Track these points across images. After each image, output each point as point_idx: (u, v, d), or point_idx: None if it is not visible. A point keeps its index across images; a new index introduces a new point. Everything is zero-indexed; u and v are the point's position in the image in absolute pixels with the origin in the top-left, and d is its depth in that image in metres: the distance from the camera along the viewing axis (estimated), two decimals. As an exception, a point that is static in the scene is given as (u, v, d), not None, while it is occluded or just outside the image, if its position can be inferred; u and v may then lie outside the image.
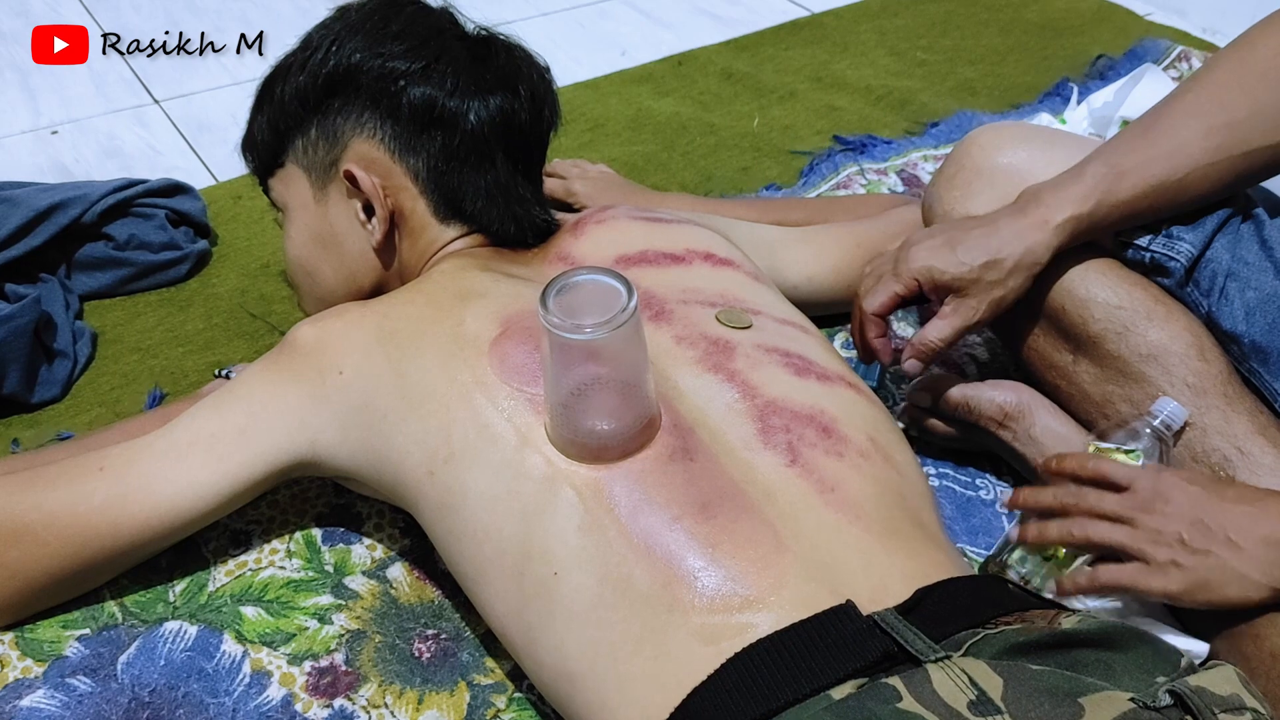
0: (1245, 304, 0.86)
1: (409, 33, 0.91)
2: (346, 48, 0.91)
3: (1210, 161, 0.85)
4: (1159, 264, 0.89)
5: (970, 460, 1.01)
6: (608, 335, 0.69)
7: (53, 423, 1.05)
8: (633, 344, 0.72)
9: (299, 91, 0.92)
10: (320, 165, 0.93)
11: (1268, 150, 0.85)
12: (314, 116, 0.92)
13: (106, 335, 1.15)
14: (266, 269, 1.25)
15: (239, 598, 0.88)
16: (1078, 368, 0.91)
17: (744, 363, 0.81)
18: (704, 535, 0.70)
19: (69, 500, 0.80)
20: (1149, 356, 0.87)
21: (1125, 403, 0.88)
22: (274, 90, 0.94)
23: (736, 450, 0.76)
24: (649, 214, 0.97)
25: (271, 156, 0.96)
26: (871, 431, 0.80)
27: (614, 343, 0.70)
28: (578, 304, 0.70)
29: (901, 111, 1.57)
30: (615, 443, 0.74)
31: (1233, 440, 0.84)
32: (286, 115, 0.93)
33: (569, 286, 0.70)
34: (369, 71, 0.90)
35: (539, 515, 0.73)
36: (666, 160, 1.45)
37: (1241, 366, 0.88)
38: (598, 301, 0.69)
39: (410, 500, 0.81)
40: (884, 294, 0.91)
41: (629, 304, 0.69)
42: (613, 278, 0.71)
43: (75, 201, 1.16)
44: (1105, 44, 1.72)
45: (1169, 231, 0.88)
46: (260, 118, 0.96)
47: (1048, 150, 0.93)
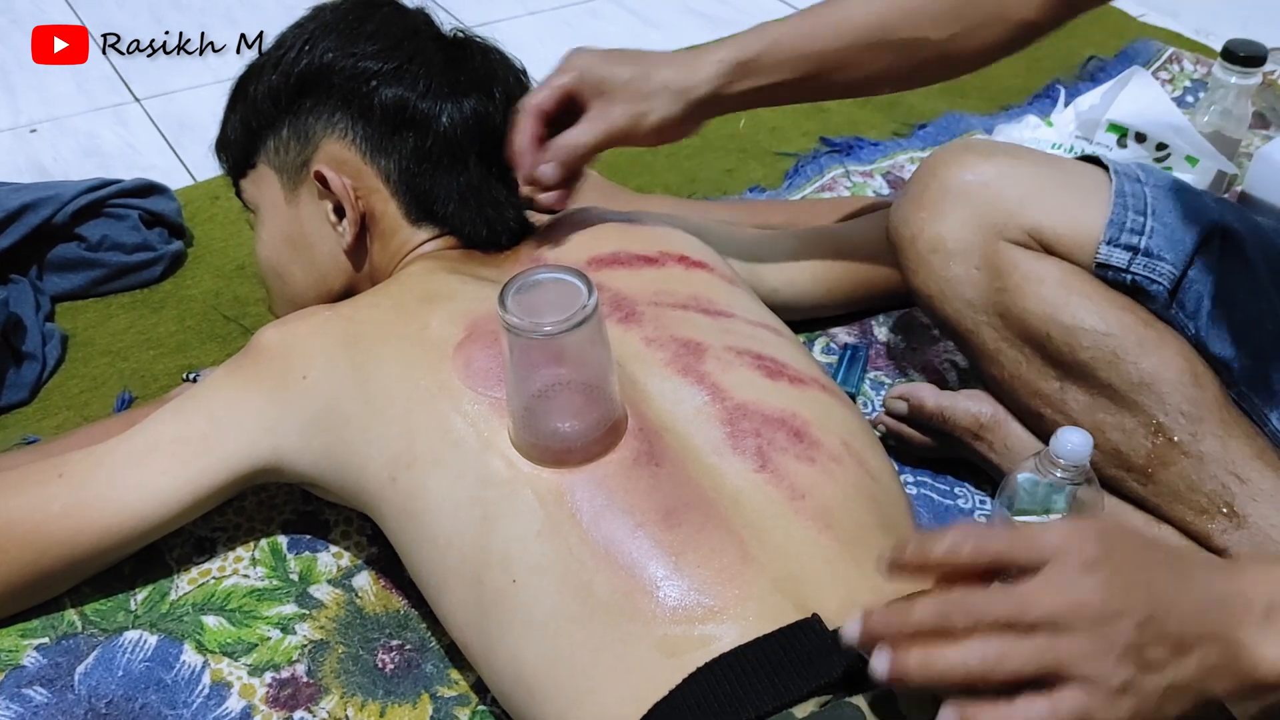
0: (1232, 326, 0.84)
1: (383, 33, 0.90)
2: (319, 47, 0.90)
3: (873, 40, 0.87)
4: (1140, 286, 0.86)
5: (949, 468, 1.00)
6: (568, 334, 0.67)
7: (19, 426, 1.03)
8: (595, 343, 0.70)
9: (271, 90, 0.91)
10: (291, 166, 0.92)
11: (930, 45, 0.88)
12: (285, 116, 0.91)
13: (77, 337, 1.14)
14: (242, 270, 1.23)
15: (201, 606, 0.87)
16: (1065, 396, 0.88)
17: (714, 365, 0.80)
18: (668, 544, 0.69)
19: (27, 507, 0.79)
20: (1141, 385, 0.84)
21: (1118, 431, 0.85)
22: (247, 89, 0.93)
23: (704, 455, 0.74)
24: (623, 216, 0.95)
25: (244, 156, 0.95)
26: (845, 436, 0.78)
27: (575, 342, 0.69)
28: (538, 303, 0.68)
29: (890, 113, 1.55)
30: (578, 445, 0.72)
31: (1230, 467, 0.82)
32: (259, 114, 0.92)
33: (529, 285, 0.69)
34: (341, 71, 0.89)
35: (499, 520, 0.72)
36: (650, 161, 1.44)
37: (1231, 390, 0.86)
38: (558, 300, 0.68)
39: (373, 507, 0.80)
40: (547, 88, 0.86)
41: (589, 301, 0.67)
42: (573, 275, 0.69)
43: (46, 202, 1.14)
44: (1097, 45, 1.70)
45: (1147, 250, 0.86)
46: (234, 117, 0.95)
47: (1015, 165, 0.90)
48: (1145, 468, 0.85)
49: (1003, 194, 0.89)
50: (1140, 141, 1.27)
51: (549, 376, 0.71)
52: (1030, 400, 0.91)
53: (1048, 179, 0.90)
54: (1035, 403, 0.90)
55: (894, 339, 1.14)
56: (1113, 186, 0.87)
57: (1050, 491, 0.79)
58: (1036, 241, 0.88)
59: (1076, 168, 0.91)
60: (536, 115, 0.86)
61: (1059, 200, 0.89)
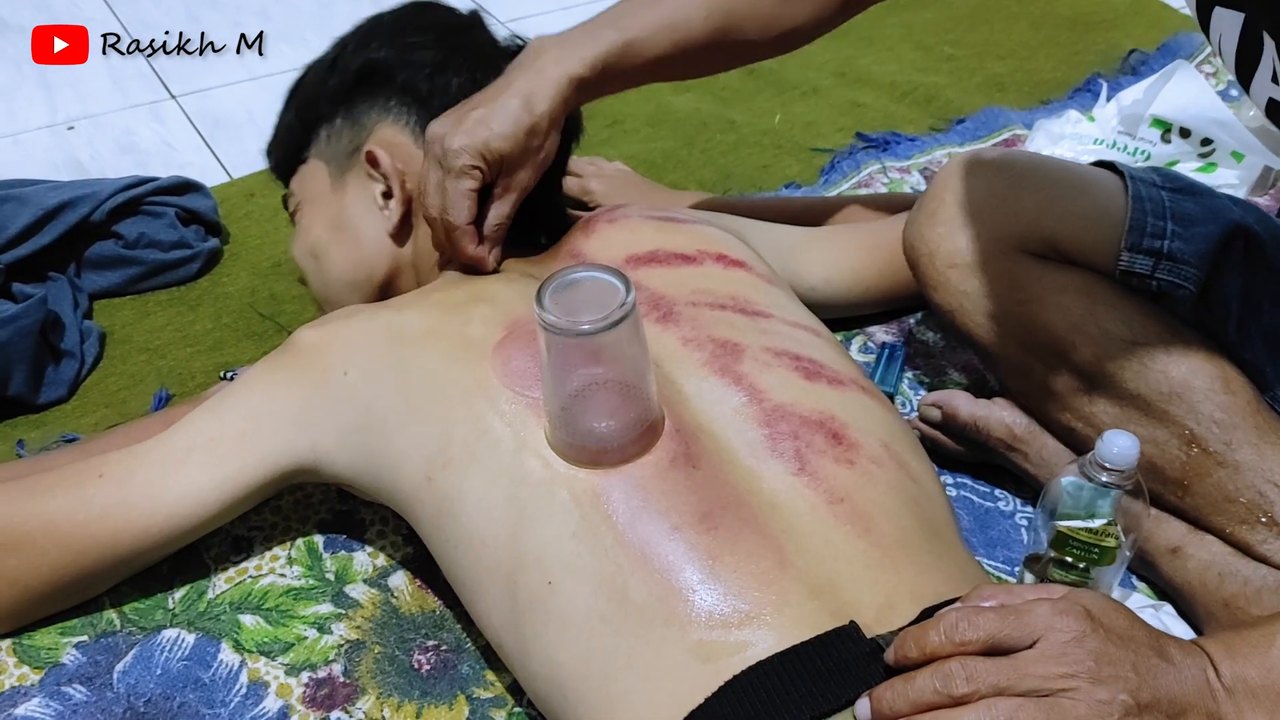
0: (1262, 331, 0.82)
1: (436, 28, 0.96)
2: (375, 44, 0.94)
3: (710, 43, 0.90)
4: (1166, 292, 0.84)
5: (988, 470, 0.98)
6: (605, 333, 0.67)
7: (58, 424, 1.04)
8: (632, 343, 0.69)
9: (327, 85, 0.95)
10: (342, 153, 0.95)
11: (759, 46, 0.92)
12: (340, 107, 0.95)
13: (115, 335, 1.14)
14: (277, 268, 1.24)
15: (238, 605, 0.87)
16: (1094, 408, 0.86)
17: (752, 366, 0.79)
18: (704, 547, 0.68)
19: (68, 507, 0.79)
20: (1171, 394, 0.82)
21: (1150, 443, 0.83)
22: (304, 86, 0.98)
23: (741, 457, 0.73)
24: (662, 213, 0.95)
25: (295, 151, 0.98)
26: (885, 437, 0.77)
27: (612, 341, 0.68)
28: (576, 301, 0.68)
29: (927, 108, 1.53)
30: (614, 445, 0.71)
31: (1267, 475, 0.80)
32: (314, 108, 0.96)
33: (566, 284, 0.69)
34: (398, 65, 0.93)
35: (534, 521, 0.71)
36: (685, 158, 1.43)
37: (1264, 395, 0.84)
38: (596, 299, 0.67)
39: (409, 507, 0.79)
40: (463, 199, 0.84)
41: (627, 300, 0.67)
42: (610, 274, 0.69)
43: (84, 200, 1.15)
44: (1138, 38, 1.67)
45: (1170, 254, 0.83)
46: (288, 114, 0.99)
47: (1030, 174, 0.89)
48: (1181, 479, 0.83)
49: (1019, 205, 0.88)
50: (1185, 137, 1.25)
51: (586, 376, 0.70)
52: (1059, 413, 0.89)
53: (1063, 187, 0.88)
54: (1064, 416, 0.89)
55: (932, 337, 1.13)
56: (1129, 192, 0.85)
57: (1095, 496, 0.78)
58: (1056, 251, 0.87)
59: (1091, 174, 0.90)
60: (472, 230, 0.86)
61: (1076, 208, 0.87)
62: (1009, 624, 0.58)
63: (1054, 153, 1.29)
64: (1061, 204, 0.88)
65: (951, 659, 0.57)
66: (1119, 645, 0.57)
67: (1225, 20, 0.72)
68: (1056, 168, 0.91)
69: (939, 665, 0.57)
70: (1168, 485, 0.84)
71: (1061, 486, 0.79)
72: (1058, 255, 0.87)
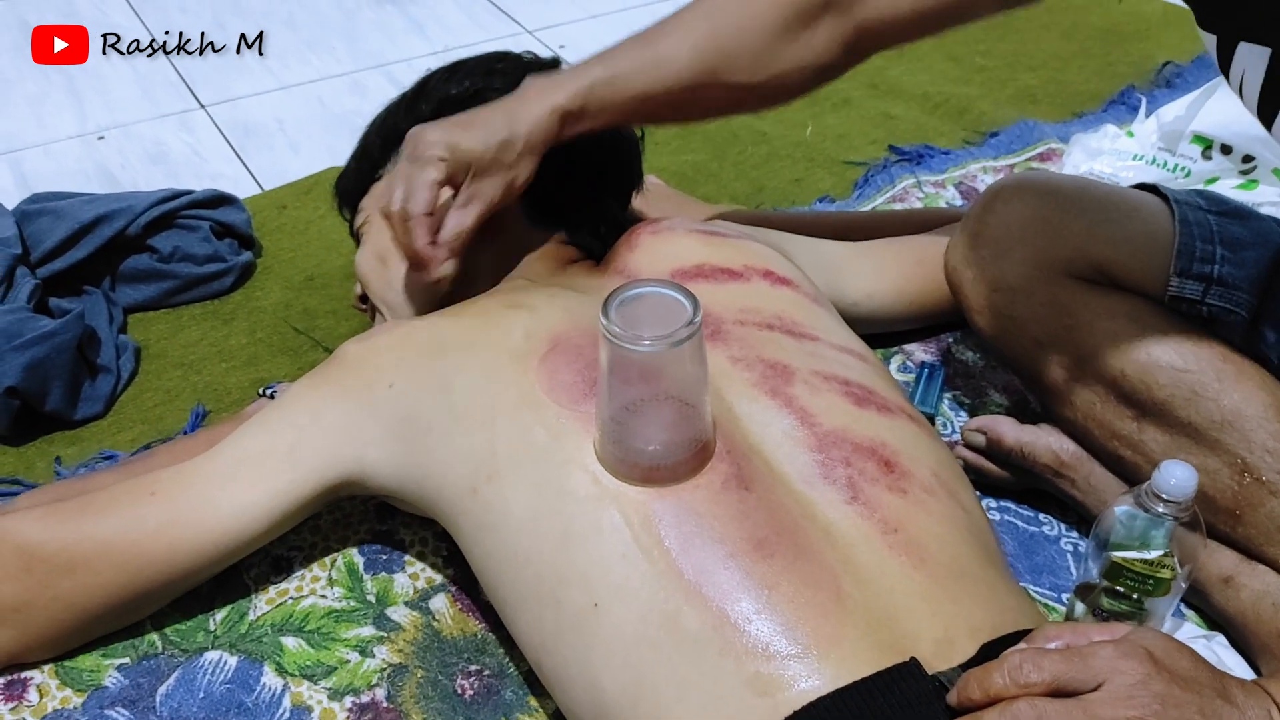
0: None
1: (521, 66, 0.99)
2: (460, 75, 0.99)
3: (694, 83, 0.87)
4: (1217, 318, 0.83)
5: (1031, 495, 0.97)
6: (668, 350, 0.66)
7: (95, 440, 1.04)
8: (694, 361, 0.69)
9: (413, 109, 0.98)
10: None
11: (750, 90, 0.89)
12: None
13: (150, 349, 1.14)
14: (310, 282, 1.23)
15: (280, 627, 0.86)
16: (1144, 436, 0.85)
17: (802, 389, 0.78)
18: (760, 575, 0.67)
19: (122, 527, 0.79)
20: (1223, 423, 0.81)
21: (1201, 473, 0.81)
22: (386, 113, 1.02)
23: (793, 483, 0.72)
24: (706, 227, 0.94)
25: (372, 169, 1.01)
26: (935, 467, 0.76)
27: (674, 359, 0.67)
28: (641, 316, 0.67)
29: (959, 120, 1.52)
30: (667, 464, 0.71)
31: None
32: (397, 129, 0.97)
33: (633, 297, 0.68)
34: (483, 89, 0.96)
35: (581, 539, 0.71)
36: (717, 170, 1.42)
37: None
38: (661, 315, 0.67)
39: (452, 520, 0.79)
40: (424, 188, 0.83)
41: (694, 319, 0.66)
42: (678, 291, 0.68)
43: (120, 214, 1.14)
44: (1171, 50, 1.66)
45: (1221, 279, 0.82)
46: (368, 137, 1.03)
47: (1076, 198, 0.88)
48: (1233, 509, 0.82)
49: (1065, 228, 0.87)
50: (1226, 154, 1.24)
51: (644, 391, 0.70)
52: (1107, 441, 0.88)
53: (1110, 211, 0.87)
54: (1112, 444, 0.88)
55: (971, 357, 1.12)
56: (1175, 216, 0.84)
57: (1149, 526, 0.77)
58: (1103, 276, 0.86)
59: (1136, 198, 0.89)
60: (426, 221, 0.85)
61: (1123, 233, 0.86)
62: (1073, 666, 0.57)
63: (1092, 168, 1.28)
64: (1108, 228, 0.87)
65: (1020, 699, 0.57)
66: (1183, 688, 0.56)
67: (1250, 56, 0.71)
68: (1102, 192, 0.90)
69: (1007, 706, 0.57)
70: (1219, 515, 0.83)
71: (1115, 516, 0.78)
72: (1105, 280, 0.86)
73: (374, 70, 1.68)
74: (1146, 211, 0.87)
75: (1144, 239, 0.86)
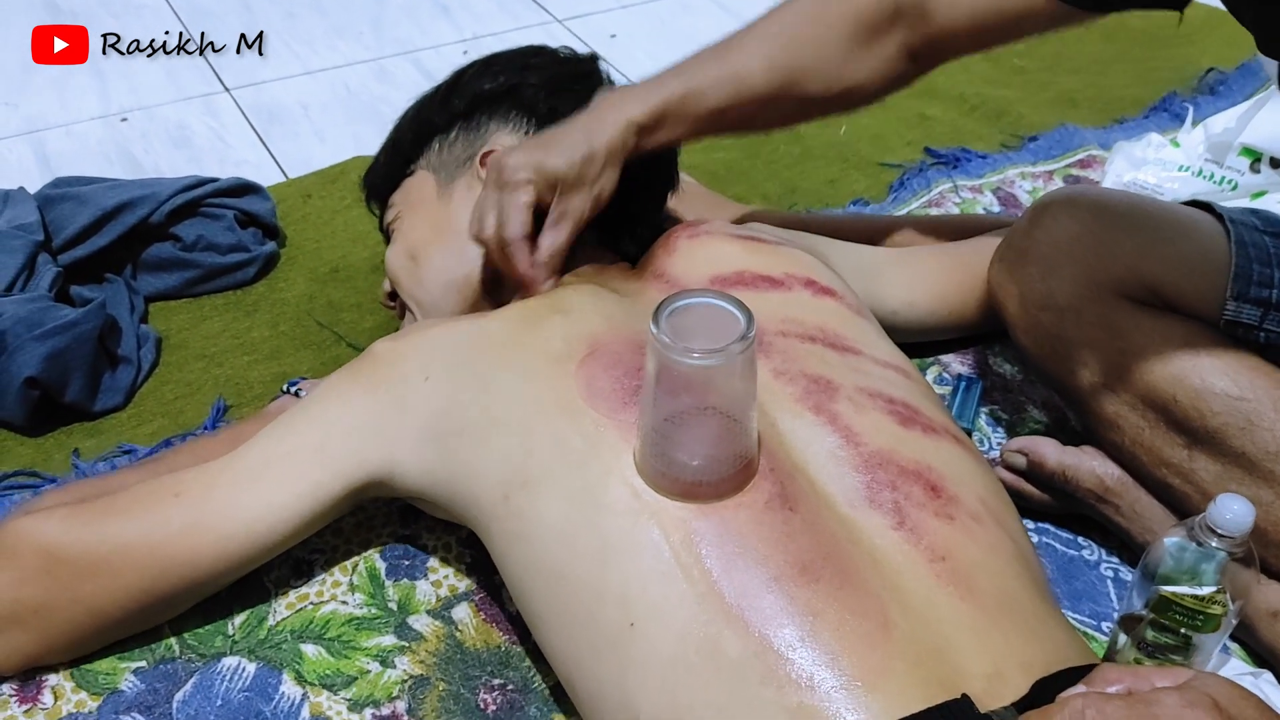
0: None
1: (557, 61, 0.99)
2: (495, 69, 0.98)
3: (769, 96, 0.88)
4: (1275, 344, 0.81)
5: (1072, 518, 0.95)
6: (719, 364, 0.64)
7: (114, 433, 1.02)
8: (745, 377, 0.66)
9: (447, 104, 0.98)
10: (453, 162, 0.96)
11: (823, 101, 0.90)
12: (459, 121, 0.97)
13: (171, 340, 1.12)
14: (335, 274, 1.21)
15: (299, 634, 0.84)
16: (1194, 464, 0.82)
17: (847, 406, 0.76)
18: (805, 601, 0.64)
19: (145, 530, 0.77)
20: (1279, 453, 0.78)
21: (1255, 505, 0.80)
22: (419, 106, 1.01)
23: (838, 505, 0.70)
24: (745, 232, 0.92)
25: (403, 164, 1.00)
26: (982, 492, 0.74)
27: (724, 373, 0.65)
28: (691, 326, 0.65)
29: (997, 123, 1.49)
30: (709, 480, 0.68)
31: None
32: (430, 123, 0.98)
33: (684, 307, 0.66)
34: (520, 85, 0.96)
35: (619, 555, 0.68)
36: (749, 169, 1.39)
37: None
38: (712, 326, 0.65)
39: (483, 526, 0.77)
40: (518, 213, 0.84)
41: (747, 333, 0.64)
42: (731, 303, 0.66)
43: (143, 201, 1.12)
44: (1215, 56, 1.62)
45: (1279, 303, 0.80)
46: (400, 130, 1.02)
47: (1129, 215, 0.86)
48: None
49: (1117, 247, 0.84)
50: (1275, 167, 1.21)
51: (690, 404, 0.67)
52: (1155, 469, 0.85)
53: (1164, 230, 0.85)
54: (1161, 472, 0.85)
55: (1009, 369, 1.09)
56: (1231, 236, 0.81)
57: (1199, 559, 0.74)
58: (1156, 298, 0.84)
59: (1189, 216, 0.86)
60: (525, 244, 0.85)
61: (1177, 253, 0.84)
62: (1137, 714, 0.54)
63: (1136, 178, 1.25)
64: (1162, 248, 0.84)
65: None
66: None
67: None
68: (1154, 209, 0.88)
69: None
70: (1270, 548, 0.80)
71: (1165, 547, 0.76)
72: (1157, 301, 0.84)
73: (401, 57, 1.66)
74: (1201, 231, 0.84)
75: (1198, 260, 0.83)
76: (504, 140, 0.95)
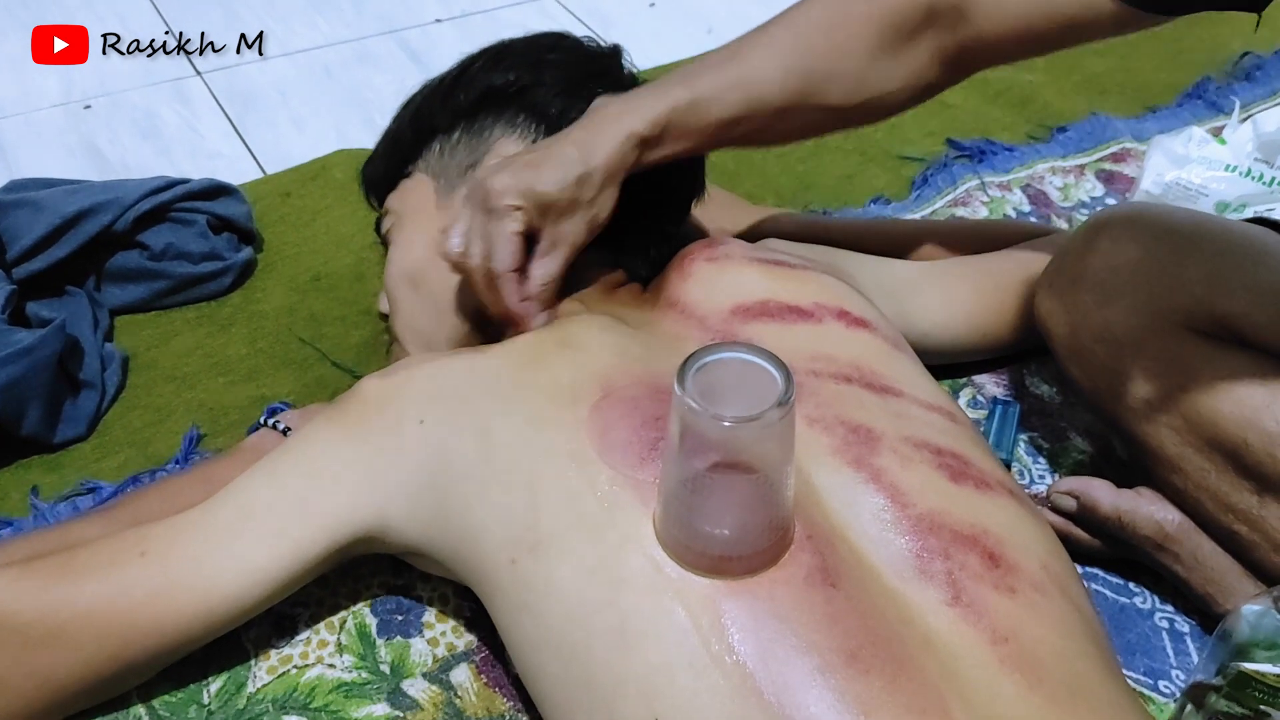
0: None
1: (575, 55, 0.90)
2: (506, 63, 0.88)
3: (784, 106, 0.80)
4: None
5: (1122, 562, 0.87)
6: (755, 431, 0.56)
7: (76, 467, 0.93)
8: (782, 441, 0.59)
9: (450, 99, 0.89)
10: (455, 168, 0.87)
11: (841, 111, 0.81)
12: (461, 122, 0.88)
13: (138, 359, 1.03)
14: (316, 283, 1.12)
15: (282, 702, 0.76)
16: (1265, 512, 0.76)
17: (891, 460, 0.68)
18: (855, 696, 0.57)
19: (107, 593, 0.69)
20: None
21: None
22: (421, 98, 0.91)
23: (885, 577, 0.63)
24: (768, 255, 0.84)
25: (400, 164, 0.91)
26: (1044, 557, 0.66)
27: (760, 438, 0.58)
28: (720, 382, 0.58)
29: (1022, 111, 1.40)
30: (741, 553, 0.61)
31: None
32: (431, 120, 0.89)
33: (712, 363, 0.58)
34: (531, 85, 0.87)
35: (641, 639, 0.61)
36: (760, 163, 1.30)
37: None
38: (744, 383, 0.58)
39: (487, 592, 0.69)
40: (507, 243, 0.76)
41: (786, 396, 0.56)
42: (767, 360, 0.58)
43: (107, 206, 1.03)
44: (1249, 38, 1.53)
45: None
46: (399, 125, 0.93)
47: (1194, 238, 0.78)
48: None
49: (1184, 275, 0.77)
50: (1329, 167, 1.13)
51: (719, 469, 0.59)
52: (1220, 514, 0.78)
53: (1235, 255, 0.77)
54: (1226, 518, 0.78)
55: (1047, 391, 1.01)
56: None
57: None
58: (1226, 331, 0.76)
59: (1262, 238, 0.78)
60: (515, 277, 0.78)
61: (1250, 281, 0.76)
62: None
63: (1179, 178, 1.16)
64: (1233, 276, 0.76)
65: None
66: None
67: None
68: (1223, 231, 0.80)
69: None
70: None
71: (1242, 613, 0.68)
72: (1227, 335, 0.76)
73: (385, 36, 1.55)
74: (1275, 256, 0.77)
75: (1273, 289, 0.75)
76: (507, 149, 0.85)
